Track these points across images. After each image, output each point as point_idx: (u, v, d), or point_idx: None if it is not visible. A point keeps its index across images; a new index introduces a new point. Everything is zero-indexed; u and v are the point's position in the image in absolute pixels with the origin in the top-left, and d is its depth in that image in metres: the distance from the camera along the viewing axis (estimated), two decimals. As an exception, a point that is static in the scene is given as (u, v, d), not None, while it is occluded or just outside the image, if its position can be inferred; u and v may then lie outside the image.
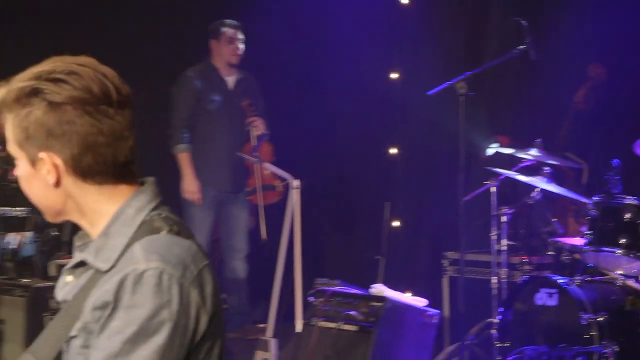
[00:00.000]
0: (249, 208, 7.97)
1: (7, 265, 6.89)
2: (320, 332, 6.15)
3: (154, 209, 2.27)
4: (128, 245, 2.17)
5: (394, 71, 8.56)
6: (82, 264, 2.28)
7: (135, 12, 8.40)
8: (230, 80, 7.90)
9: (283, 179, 7.15)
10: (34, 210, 6.40)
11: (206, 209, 7.83)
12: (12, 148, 2.25)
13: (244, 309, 8.04)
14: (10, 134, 2.23)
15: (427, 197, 8.40)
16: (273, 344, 5.65)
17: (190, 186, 7.73)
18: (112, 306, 2.07)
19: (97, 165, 2.21)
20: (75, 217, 2.31)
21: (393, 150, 8.60)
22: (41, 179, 2.23)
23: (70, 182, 2.23)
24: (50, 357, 2.22)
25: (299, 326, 5.96)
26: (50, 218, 2.35)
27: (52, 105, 2.15)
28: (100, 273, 2.17)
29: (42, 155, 2.19)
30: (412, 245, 8.52)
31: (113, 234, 2.21)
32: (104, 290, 2.10)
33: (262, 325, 6.63)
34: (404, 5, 8.48)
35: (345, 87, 8.63)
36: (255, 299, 8.13)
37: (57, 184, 2.22)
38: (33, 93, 2.16)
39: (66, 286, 2.31)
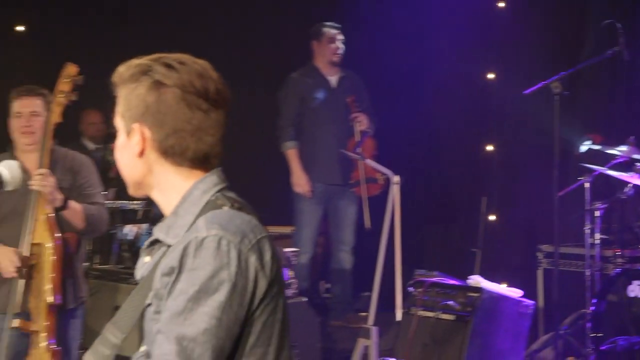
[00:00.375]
0: (357, 203, 7.97)
1: (125, 255, 7.04)
2: (419, 321, 6.15)
3: (219, 191, 2.37)
4: (195, 221, 2.28)
5: (491, 72, 8.57)
6: (156, 242, 2.40)
7: (243, 18, 8.52)
8: (333, 79, 7.96)
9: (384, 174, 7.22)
10: (150, 203, 6.51)
11: (315, 203, 7.91)
12: (117, 119, 2.41)
13: (347, 299, 8.08)
14: (118, 105, 2.40)
15: (523, 192, 8.35)
16: (374, 331, 5.65)
17: (299, 180, 7.84)
18: (177, 271, 2.18)
19: (178, 148, 2.33)
20: (153, 193, 2.43)
21: (489, 147, 8.60)
22: (130, 149, 2.36)
23: (153, 157, 2.36)
24: (130, 326, 2.34)
25: (399, 315, 5.96)
26: (132, 190, 2.47)
27: (157, 84, 2.31)
28: (171, 248, 2.29)
29: (135, 125, 2.33)
30: (508, 238, 8.47)
31: (182, 214, 2.33)
32: (170, 258, 2.22)
33: (363, 314, 6.63)
34: (500, 9, 8.45)
35: (445, 87, 8.64)
36: (357, 290, 8.15)
37: (141, 154, 2.35)
38: (145, 71, 2.33)
39: (144, 265, 2.43)
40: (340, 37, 7.86)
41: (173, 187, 2.37)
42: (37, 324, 4.86)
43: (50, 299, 4.86)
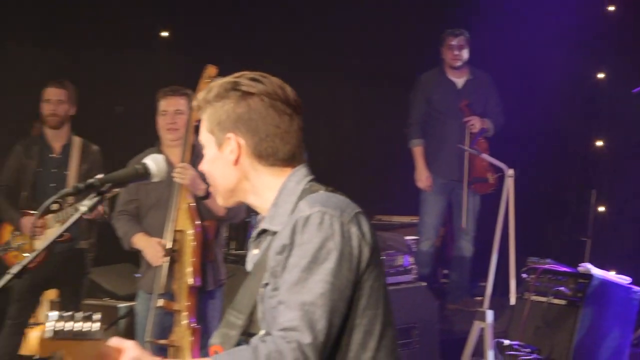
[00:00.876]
0: (480, 196, 7.97)
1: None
2: (532, 306, 6.10)
3: (310, 181, 2.47)
4: (294, 208, 2.39)
5: (601, 71, 8.43)
6: (260, 236, 2.50)
7: (380, 24, 8.58)
8: (459, 81, 7.97)
9: (496, 172, 7.33)
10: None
11: (437, 195, 7.95)
12: (204, 136, 2.50)
13: (464, 284, 8.08)
14: (204, 123, 2.49)
15: (631, 184, 8.18)
16: (489, 315, 5.61)
17: (420, 175, 7.92)
18: (289, 248, 2.29)
19: (270, 151, 2.43)
20: (244, 197, 2.52)
21: (599, 143, 8.50)
22: (224, 159, 2.45)
23: (247, 162, 2.44)
24: (249, 308, 2.44)
25: (512, 300, 5.90)
26: (224, 200, 2.55)
27: (245, 95, 2.42)
28: (276, 234, 2.40)
29: (230, 135, 2.43)
30: (617, 228, 8.31)
31: (281, 204, 2.43)
32: (281, 238, 2.33)
33: (479, 299, 6.60)
34: (610, 12, 8.32)
35: (557, 87, 8.52)
36: (473, 276, 8.12)
37: (236, 162, 2.44)
38: (231, 88, 2.43)
39: (253, 257, 2.51)
40: (461, 42, 7.82)
41: (268, 187, 2.47)
42: (180, 304, 4.98)
43: (191, 281, 4.97)
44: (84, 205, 2.30)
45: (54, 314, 1.89)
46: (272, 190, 2.45)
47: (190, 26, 9.09)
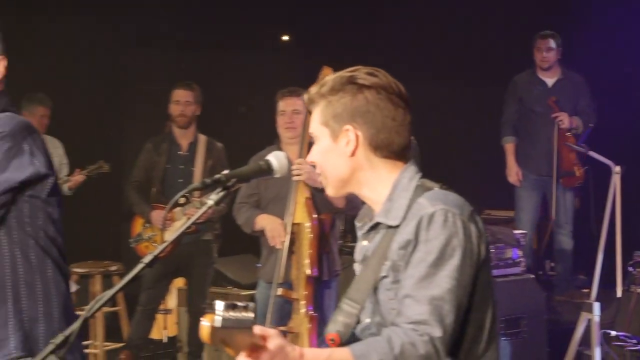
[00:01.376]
0: (573, 191, 7.83)
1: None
2: (638, 298, 5.92)
3: (420, 178, 2.44)
4: (410, 204, 2.35)
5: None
6: (372, 229, 2.46)
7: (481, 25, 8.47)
8: (550, 81, 7.86)
9: (583, 165, 7.51)
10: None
11: (530, 190, 7.89)
12: (316, 128, 2.46)
13: (567, 277, 7.99)
14: (317, 116, 2.45)
15: None
16: (596, 306, 5.46)
17: (510, 171, 7.94)
18: (413, 243, 2.28)
19: (387, 142, 2.40)
20: (356, 188, 2.48)
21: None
22: (339, 151, 2.42)
23: (362, 154, 2.41)
24: (364, 298, 2.41)
25: (619, 292, 5.76)
26: (334, 190, 2.51)
27: (362, 88, 2.38)
28: (391, 229, 2.37)
29: (348, 127, 2.39)
30: None
31: (396, 198, 2.39)
32: (404, 233, 2.30)
33: (586, 290, 6.45)
34: None
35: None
36: (578, 268, 7.99)
37: (353, 153, 2.40)
38: (348, 81, 2.40)
39: (363, 249, 2.49)
40: (550, 45, 7.71)
41: (380, 180, 2.43)
42: (298, 293, 4.98)
43: (308, 271, 4.97)
44: (210, 199, 2.30)
45: (220, 303, 1.90)
46: (384, 184, 2.43)
47: (309, 30, 9.14)
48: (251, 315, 1.94)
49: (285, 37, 9.60)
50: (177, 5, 8.79)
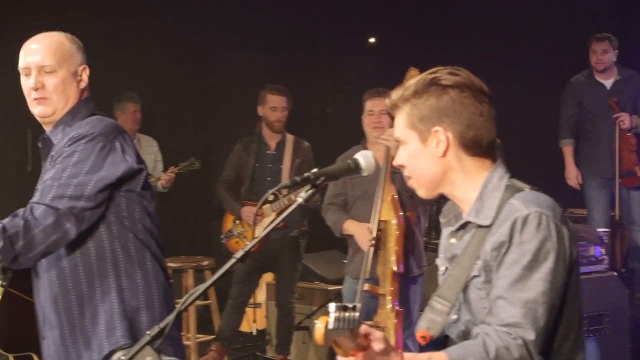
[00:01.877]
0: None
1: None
2: None
3: (509, 178, 2.41)
4: (501, 204, 2.33)
5: None
6: (461, 227, 2.44)
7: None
8: (608, 82, 7.74)
9: None
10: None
11: (598, 190, 7.78)
12: (402, 132, 2.44)
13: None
14: (402, 120, 2.43)
15: None
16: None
17: (569, 174, 7.89)
18: (506, 245, 2.26)
19: (477, 139, 2.38)
20: (448, 189, 2.45)
21: None
22: (429, 152, 2.40)
23: (453, 154, 2.39)
24: (455, 296, 2.39)
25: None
26: (425, 192, 2.48)
27: (446, 88, 2.36)
28: (481, 228, 2.35)
29: (437, 128, 2.37)
30: None
31: (486, 198, 2.37)
32: (498, 235, 2.28)
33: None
34: None
35: None
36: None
37: (444, 154, 2.38)
38: (431, 83, 2.38)
39: (451, 246, 2.47)
40: (603, 47, 7.58)
41: (469, 179, 2.41)
42: (384, 289, 5.02)
43: (394, 267, 5.00)
44: (300, 197, 2.35)
45: (333, 305, 1.93)
46: (473, 183, 2.41)
47: (395, 32, 9.15)
48: (357, 315, 1.97)
49: (372, 39, 9.64)
50: (267, 8, 8.89)
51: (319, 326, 1.94)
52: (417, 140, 2.41)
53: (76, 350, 2.92)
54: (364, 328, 2.03)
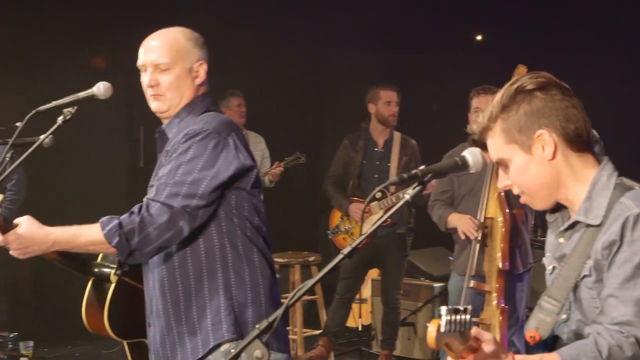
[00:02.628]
0: None
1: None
2: None
3: (618, 176, 2.33)
4: (611, 202, 2.26)
5: None
6: (570, 227, 2.35)
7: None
8: None
9: None
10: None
11: None
12: (501, 151, 2.34)
13: None
14: (498, 139, 2.34)
15: None
16: None
17: None
18: (618, 244, 2.19)
19: (578, 132, 2.30)
20: (562, 194, 2.36)
21: None
22: (537, 160, 2.31)
23: (560, 154, 2.30)
24: (565, 296, 2.33)
25: None
26: (544, 203, 2.39)
27: (532, 92, 2.29)
28: (591, 227, 2.28)
29: (540, 132, 2.29)
30: None
31: (595, 197, 2.29)
32: (609, 234, 2.21)
33: None
34: None
35: None
36: None
37: (553, 156, 2.30)
38: (515, 92, 2.30)
39: (560, 246, 2.40)
40: None
41: (577, 179, 2.33)
42: (490, 286, 4.96)
43: (500, 265, 4.93)
44: (407, 194, 2.32)
45: (444, 309, 1.93)
46: (581, 182, 2.33)
47: (502, 31, 9.03)
48: (468, 317, 1.95)
49: (479, 37, 9.55)
50: (375, 8, 8.89)
51: (431, 329, 1.93)
52: (521, 152, 2.32)
53: (180, 341, 2.95)
54: (474, 330, 2.01)
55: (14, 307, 7.89)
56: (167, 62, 3.02)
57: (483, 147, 2.39)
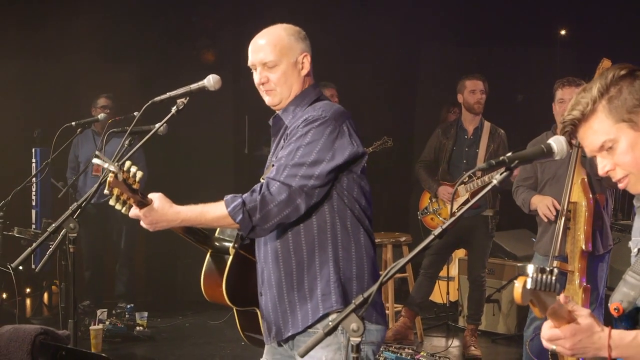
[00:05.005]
0: None
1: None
2: None
3: None
4: None
5: None
6: None
7: None
8: None
9: None
10: None
11: None
12: (609, 132, 2.20)
13: None
14: (605, 121, 2.20)
15: None
16: None
17: None
18: None
19: None
20: None
21: None
22: None
23: None
24: None
25: None
26: None
27: (631, 73, 2.18)
28: None
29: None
30: None
31: None
32: None
33: None
34: None
35: None
36: None
37: None
38: (612, 78, 2.19)
39: None
40: None
41: None
42: (572, 266, 4.91)
43: (583, 246, 4.88)
44: (495, 179, 2.33)
45: (531, 267, 1.91)
46: None
47: (586, 24, 8.88)
48: (555, 279, 1.93)
49: (563, 31, 9.40)
50: (466, 3, 8.85)
51: (518, 285, 1.92)
52: (630, 130, 2.19)
53: (291, 308, 3.02)
54: (570, 305, 1.99)
55: (131, 282, 8.12)
56: (274, 60, 3.08)
57: (567, 136, 2.32)
